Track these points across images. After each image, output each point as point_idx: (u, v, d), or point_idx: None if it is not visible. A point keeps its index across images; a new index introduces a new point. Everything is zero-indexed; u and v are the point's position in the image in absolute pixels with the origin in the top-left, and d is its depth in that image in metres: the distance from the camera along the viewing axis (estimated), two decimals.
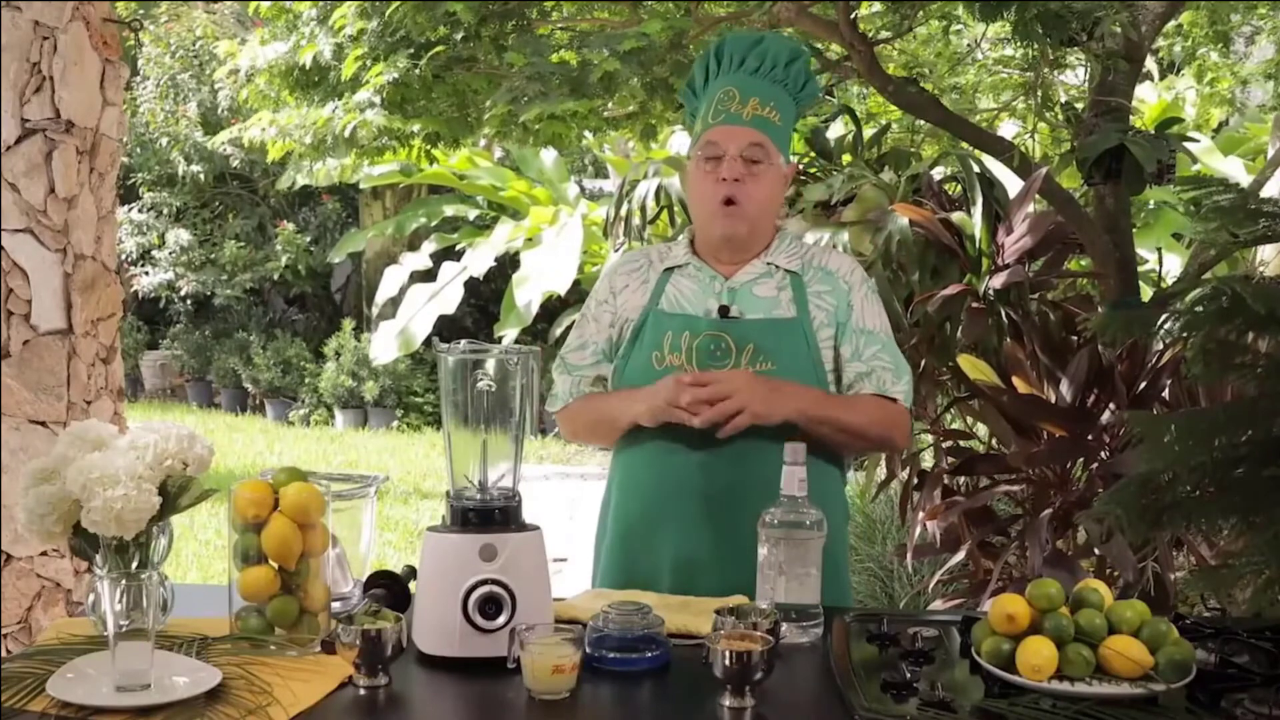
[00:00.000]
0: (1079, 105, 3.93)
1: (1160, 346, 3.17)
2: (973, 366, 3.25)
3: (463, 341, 1.81)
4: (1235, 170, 6.79)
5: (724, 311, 2.17)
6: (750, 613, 1.69)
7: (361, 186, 10.80)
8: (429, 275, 10.16)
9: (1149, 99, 6.86)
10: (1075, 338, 3.31)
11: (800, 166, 3.97)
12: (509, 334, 9.17)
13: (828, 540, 1.85)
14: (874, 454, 2.18)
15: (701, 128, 2.21)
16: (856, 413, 2.16)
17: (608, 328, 2.27)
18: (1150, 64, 6.62)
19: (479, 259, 9.57)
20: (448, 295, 9.79)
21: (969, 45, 4.96)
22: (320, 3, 4.60)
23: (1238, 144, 7.64)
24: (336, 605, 1.80)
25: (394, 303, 10.12)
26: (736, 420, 2.04)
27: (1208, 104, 6.26)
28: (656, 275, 2.25)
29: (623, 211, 4.96)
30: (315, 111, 4.99)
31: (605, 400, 2.26)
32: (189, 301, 11.42)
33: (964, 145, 4.04)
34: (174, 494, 1.64)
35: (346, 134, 4.74)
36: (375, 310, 10.38)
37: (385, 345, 9.84)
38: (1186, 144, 3.63)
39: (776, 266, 2.21)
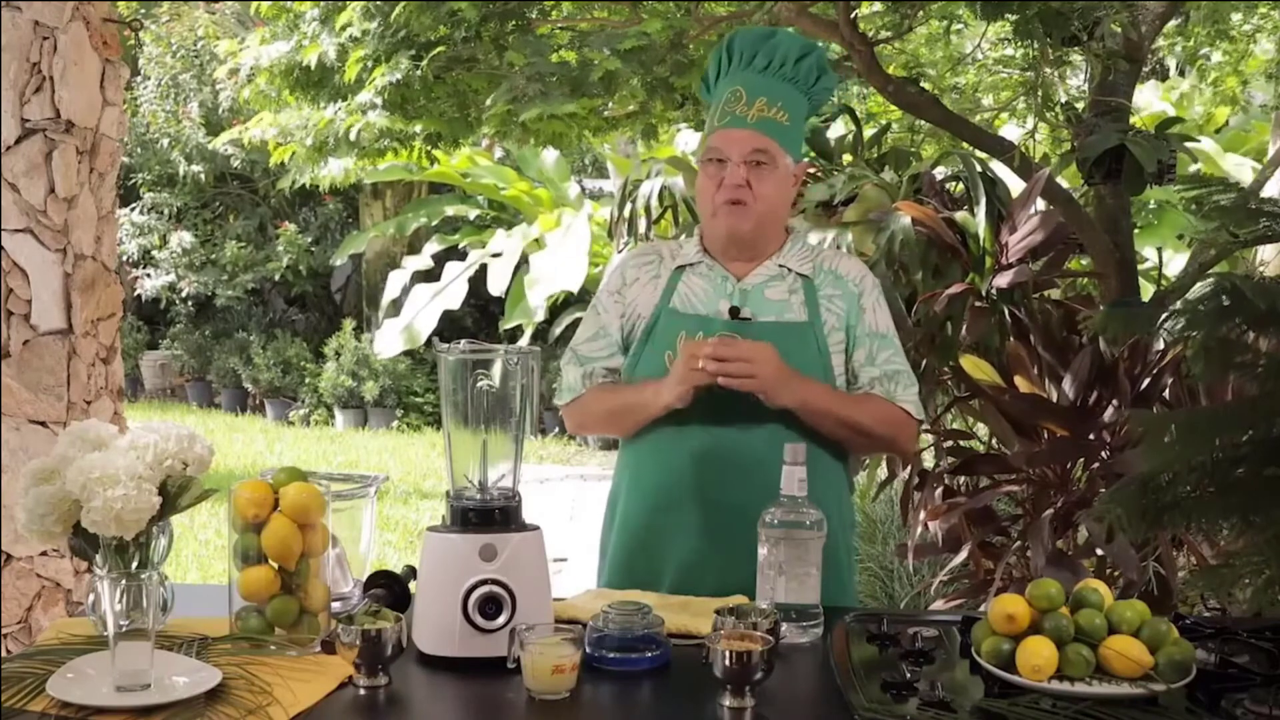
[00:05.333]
0: (1079, 105, 3.93)
1: (1161, 345, 3.17)
2: (975, 366, 3.24)
3: (463, 341, 1.81)
4: (1243, 172, 6.76)
5: (734, 313, 2.17)
6: (750, 613, 1.69)
7: (366, 182, 10.80)
8: (430, 275, 10.18)
9: (1155, 99, 6.85)
10: (1077, 337, 3.30)
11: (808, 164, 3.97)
12: (524, 334, 9.20)
13: (829, 542, 1.85)
14: (880, 453, 2.23)
15: (708, 129, 2.22)
16: (862, 411, 2.17)
17: (619, 319, 2.26)
18: (1169, 60, 6.61)
19: (497, 275, 9.54)
20: (452, 291, 9.83)
21: (970, 45, 4.95)
22: (322, 2, 4.60)
23: (1242, 142, 7.64)
24: (336, 605, 1.80)
25: (396, 304, 10.15)
26: (745, 383, 2.03)
27: (1211, 104, 6.26)
28: (668, 273, 2.24)
29: (625, 212, 4.95)
30: (317, 113, 5.00)
31: (627, 390, 2.23)
32: (190, 302, 11.42)
33: (964, 145, 4.03)
34: (174, 494, 1.63)
35: (352, 137, 4.75)
36: (381, 313, 10.40)
37: (389, 341, 9.93)
38: (1188, 144, 3.63)
39: (788, 269, 2.21)
